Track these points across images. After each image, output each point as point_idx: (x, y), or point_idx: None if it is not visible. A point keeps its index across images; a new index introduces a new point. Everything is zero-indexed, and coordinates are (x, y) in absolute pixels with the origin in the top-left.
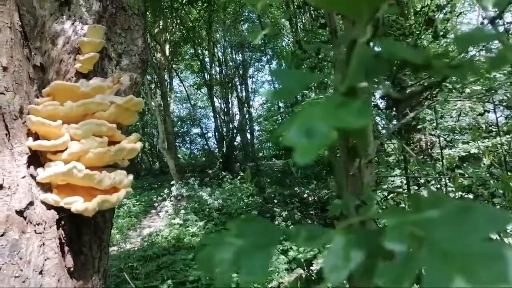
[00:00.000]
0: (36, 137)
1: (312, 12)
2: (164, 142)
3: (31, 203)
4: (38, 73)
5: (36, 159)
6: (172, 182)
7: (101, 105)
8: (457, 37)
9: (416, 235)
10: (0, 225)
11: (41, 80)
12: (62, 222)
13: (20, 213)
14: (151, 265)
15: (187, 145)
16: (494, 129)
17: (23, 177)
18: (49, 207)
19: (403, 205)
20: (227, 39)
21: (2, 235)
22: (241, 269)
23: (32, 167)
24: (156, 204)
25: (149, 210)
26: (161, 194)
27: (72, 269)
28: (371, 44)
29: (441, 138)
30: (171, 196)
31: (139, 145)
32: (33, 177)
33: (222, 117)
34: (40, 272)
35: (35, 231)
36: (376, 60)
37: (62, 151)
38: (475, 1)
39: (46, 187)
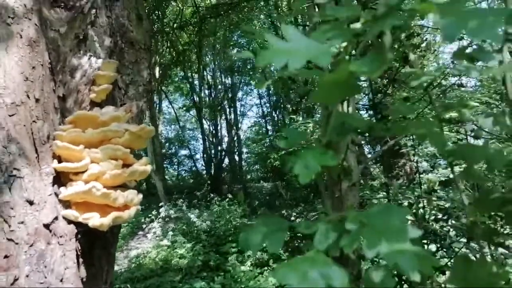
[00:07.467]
0: (59, 159)
1: None
2: (152, 163)
3: (56, 218)
4: (60, 103)
5: (58, 178)
6: (160, 204)
7: (117, 133)
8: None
9: (363, 221)
10: (29, 236)
11: (61, 108)
12: (79, 236)
13: (46, 226)
14: (138, 286)
15: (174, 166)
16: None
17: (50, 195)
18: (69, 222)
19: None
20: (216, 62)
21: (31, 245)
22: (267, 244)
23: (55, 185)
24: (144, 226)
25: (136, 232)
26: (149, 215)
27: (84, 279)
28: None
29: (424, 163)
30: (159, 218)
31: (149, 167)
32: (56, 195)
33: (211, 139)
34: (61, 280)
35: (58, 242)
36: (344, 125)
37: (82, 172)
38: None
39: (66, 204)
